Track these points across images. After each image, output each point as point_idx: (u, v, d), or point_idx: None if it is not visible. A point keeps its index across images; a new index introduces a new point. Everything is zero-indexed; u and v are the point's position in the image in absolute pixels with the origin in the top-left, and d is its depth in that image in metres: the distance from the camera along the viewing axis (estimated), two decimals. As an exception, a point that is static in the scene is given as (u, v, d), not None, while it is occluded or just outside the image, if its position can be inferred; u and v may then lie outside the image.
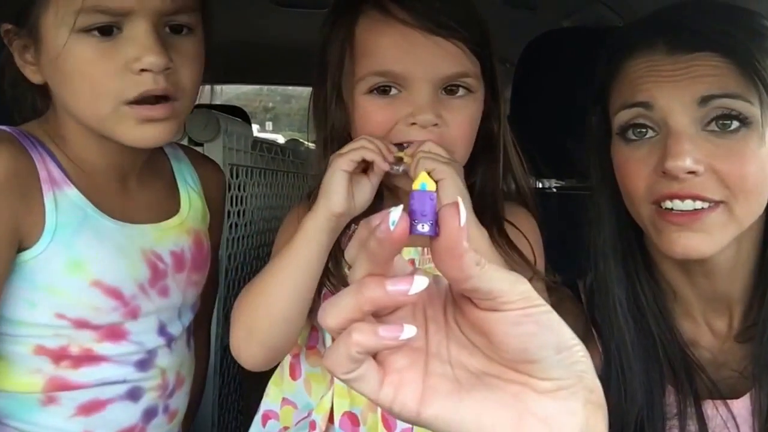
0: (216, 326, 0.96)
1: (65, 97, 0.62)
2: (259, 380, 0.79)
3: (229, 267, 1.01)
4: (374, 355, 0.32)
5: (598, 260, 0.64)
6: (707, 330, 0.64)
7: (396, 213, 0.29)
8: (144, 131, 0.61)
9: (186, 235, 0.74)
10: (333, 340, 0.32)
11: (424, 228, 0.30)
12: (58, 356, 0.64)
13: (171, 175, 0.76)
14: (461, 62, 0.63)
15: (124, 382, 0.68)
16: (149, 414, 0.71)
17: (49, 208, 0.62)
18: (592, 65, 0.64)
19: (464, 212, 0.29)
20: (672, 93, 0.55)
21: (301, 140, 1.56)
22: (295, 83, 2.45)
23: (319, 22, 0.72)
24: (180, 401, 0.76)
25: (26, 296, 0.63)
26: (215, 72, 0.71)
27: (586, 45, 0.65)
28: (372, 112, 0.64)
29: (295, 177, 1.32)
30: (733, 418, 0.59)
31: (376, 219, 0.30)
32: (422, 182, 0.31)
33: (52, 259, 0.62)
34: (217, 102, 2.92)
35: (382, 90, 0.64)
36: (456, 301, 0.34)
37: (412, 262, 0.69)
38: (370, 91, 0.64)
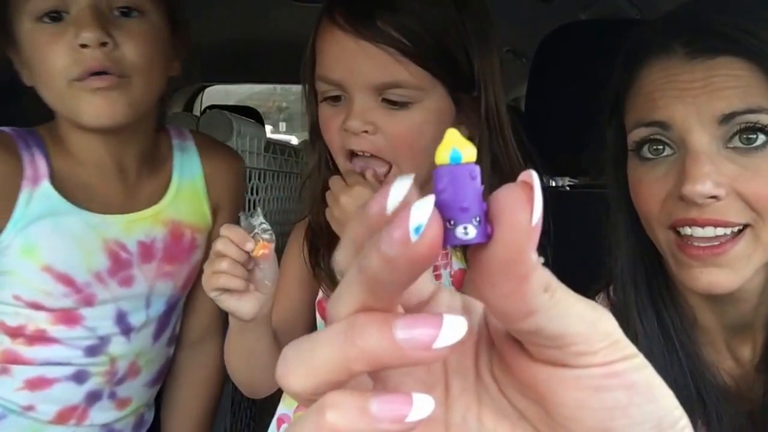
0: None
1: (38, 88, 0.67)
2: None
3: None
4: None
5: (617, 288, 0.59)
6: (729, 357, 0.59)
7: (423, 209, 0.16)
8: (94, 104, 0.64)
9: (161, 226, 0.75)
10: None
11: (468, 233, 0.17)
12: (15, 333, 0.70)
13: (170, 167, 0.78)
14: (393, 71, 0.60)
15: (69, 364, 0.72)
16: (93, 396, 0.74)
17: (21, 201, 0.67)
18: (609, 59, 0.59)
19: (540, 199, 0.17)
20: (691, 111, 0.50)
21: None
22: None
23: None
24: (134, 390, 0.78)
25: None
26: (228, 71, 0.79)
27: (604, 38, 0.61)
28: (324, 119, 0.65)
29: (309, 180, 1.28)
30: None
31: (373, 205, 0.18)
32: (453, 148, 0.17)
33: (12, 245, 0.68)
34: (231, 102, 2.92)
35: (334, 97, 0.64)
36: (497, 344, 0.21)
37: None
38: (324, 99, 0.65)
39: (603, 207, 0.60)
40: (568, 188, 1.11)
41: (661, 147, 0.52)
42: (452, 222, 0.17)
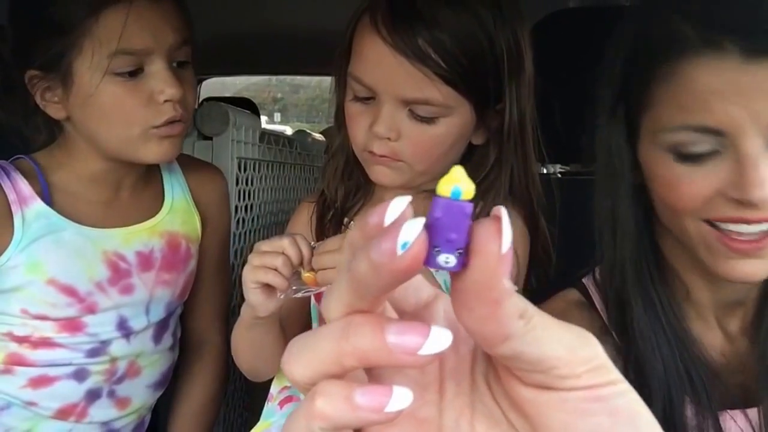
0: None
1: (93, 127, 0.73)
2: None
3: (236, 263, 1.00)
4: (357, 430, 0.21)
5: (614, 275, 0.58)
6: (719, 331, 0.60)
7: (412, 229, 0.18)
8: (163, 147, 0.73)
9: (158, 237, 0.81)
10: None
11: (449, 262, 0.19)
12: (21, 340, 0.74)
13: (161, 184, 0.85)
14: (425, 89, 0.62)
15: (70, 364, 0.76)
16: (92, 395, 0.78)
17: (17, 223, 0.72)
18: (599, 47, 0.58)
19: (508, 232, 0.19)
20: (746, 116, 0.48)
21: (308, 131, 1.53)
22: (303, 73, 2.43)
23: (327, 10, 0.71)
24: (134, 390, 0.81)
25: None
26: (224, 63, 0.84)
27: (593, 26, 0.62)
28: (351, 114, 0.68)
29: (302, 169, 1.31)
30: (752, 427, 0.55)
31: (373, 217, 0.19)
32: (455, 185, 0.19)
33: (18, 264, 0.72)
34: (227, 94, 2.92)
35: (364, 97, 0.66)
36: (492, 361, 0.23)
37: None
38: (354, 97, 0.66)
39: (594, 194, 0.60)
40: (559, 175, 1.12)
41: (708, 149, 0.50)
42: (437, 249, 0.19)
